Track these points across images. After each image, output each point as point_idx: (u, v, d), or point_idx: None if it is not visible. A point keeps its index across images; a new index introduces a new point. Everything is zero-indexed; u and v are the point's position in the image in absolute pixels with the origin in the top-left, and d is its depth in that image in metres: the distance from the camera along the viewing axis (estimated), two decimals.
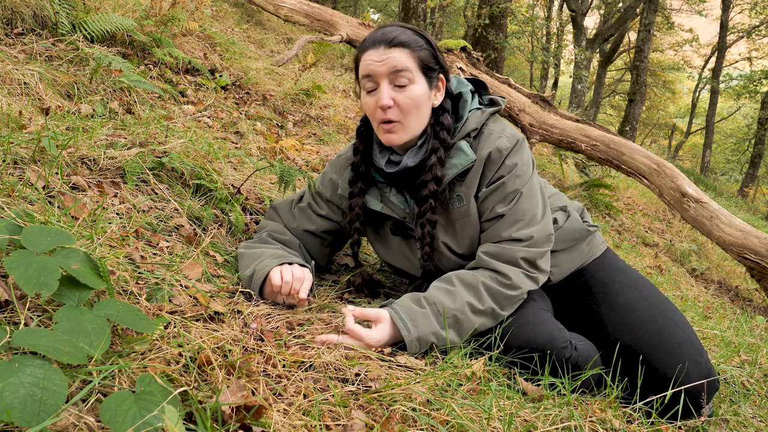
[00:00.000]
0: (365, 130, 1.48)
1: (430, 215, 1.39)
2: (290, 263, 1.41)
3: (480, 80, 1.48)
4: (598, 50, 14.44)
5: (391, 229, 1.52)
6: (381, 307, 1.31)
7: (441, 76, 1.38)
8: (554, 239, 1.43)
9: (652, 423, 1.23)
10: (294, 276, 1.36)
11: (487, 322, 1.31)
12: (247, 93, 3.31)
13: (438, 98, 1.39)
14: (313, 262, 1.54)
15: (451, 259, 1.46)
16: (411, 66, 1.30)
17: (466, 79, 1.47)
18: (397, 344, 1.26)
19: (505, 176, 1.35)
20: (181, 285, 1.22)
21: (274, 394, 0.95)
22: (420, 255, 1.45)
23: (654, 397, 1.28)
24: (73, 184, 1.37)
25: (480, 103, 1.45)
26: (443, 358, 1.24)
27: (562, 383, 1.23)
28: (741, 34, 19.52)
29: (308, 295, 1.41)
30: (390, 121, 1.33)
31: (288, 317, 1.31)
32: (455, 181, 1.39)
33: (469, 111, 1.41)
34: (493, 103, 1.45)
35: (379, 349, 1.22)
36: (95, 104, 1.98)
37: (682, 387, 1.27)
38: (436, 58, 1.36)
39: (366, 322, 1.29)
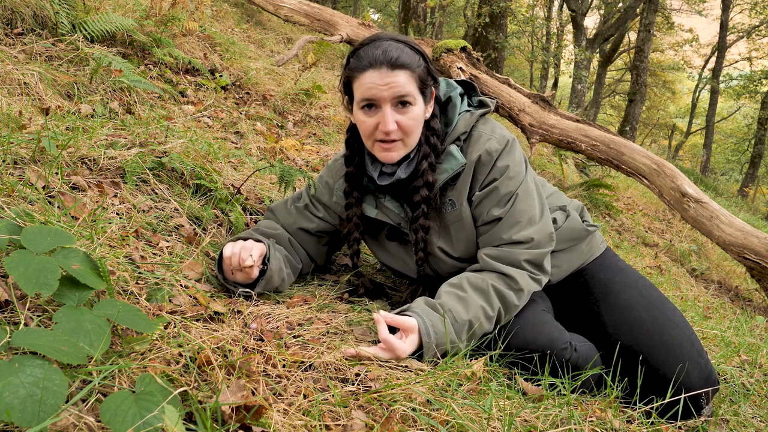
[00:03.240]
0: (354, 140, 1.45)
1: (423, 221, 1.38)
2: (245, 239, 1.39)
3: (469, 82, 1.47)
4: (598, 50, 14.44)
5: (386, 235, 1.52)
6: (401, 312, 1.27)
7: (432, 88, 1.37)
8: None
9: (652, 423, 1.23)
10: (242, 246, 1.34)
11: (492, 326, 1.31)
12: (247, 93, 3.31)
13: (430, 110, 1.37)
14: (272, 240, 1.50)
15: (448, 262, 1.46)
16: (412, 89, 1.28)
17: (455, 80, 1.47)
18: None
19: (497, 179, 1.34)
20: (181, 285, 1.22)
21: (274, 394, 0.95)
22: (415, 260, 1.45)
23: (659, 404, 1.28)
24: (73, 184, 1.37)
25: (470, 105, 1.44)
26: (443, 359, 1.24)
27: (562, 383, 1.23)
28: (741, 34, 19.51)
29: (260, 265, 1.36)
30: (391, 141, 1.31)
31: (288, 317, 1.31)
32: (447, 185, 1.38)
33: (459, 114, 1.40)
34: (482, 104, 1.44)
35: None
36: (95, 104, 1.98)
37: (683, 390, 1.27)
38: (429, 71, 1.34)
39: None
